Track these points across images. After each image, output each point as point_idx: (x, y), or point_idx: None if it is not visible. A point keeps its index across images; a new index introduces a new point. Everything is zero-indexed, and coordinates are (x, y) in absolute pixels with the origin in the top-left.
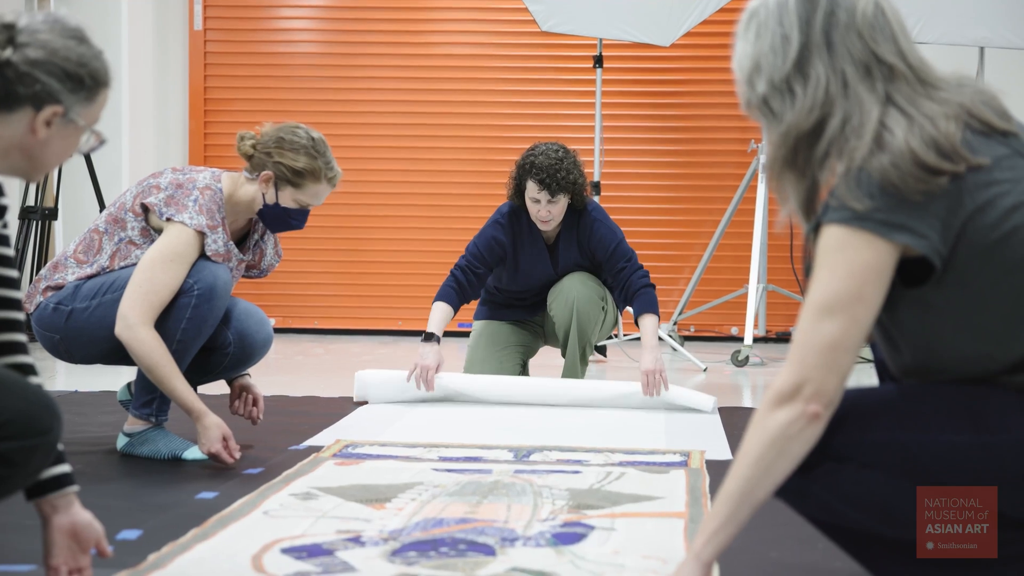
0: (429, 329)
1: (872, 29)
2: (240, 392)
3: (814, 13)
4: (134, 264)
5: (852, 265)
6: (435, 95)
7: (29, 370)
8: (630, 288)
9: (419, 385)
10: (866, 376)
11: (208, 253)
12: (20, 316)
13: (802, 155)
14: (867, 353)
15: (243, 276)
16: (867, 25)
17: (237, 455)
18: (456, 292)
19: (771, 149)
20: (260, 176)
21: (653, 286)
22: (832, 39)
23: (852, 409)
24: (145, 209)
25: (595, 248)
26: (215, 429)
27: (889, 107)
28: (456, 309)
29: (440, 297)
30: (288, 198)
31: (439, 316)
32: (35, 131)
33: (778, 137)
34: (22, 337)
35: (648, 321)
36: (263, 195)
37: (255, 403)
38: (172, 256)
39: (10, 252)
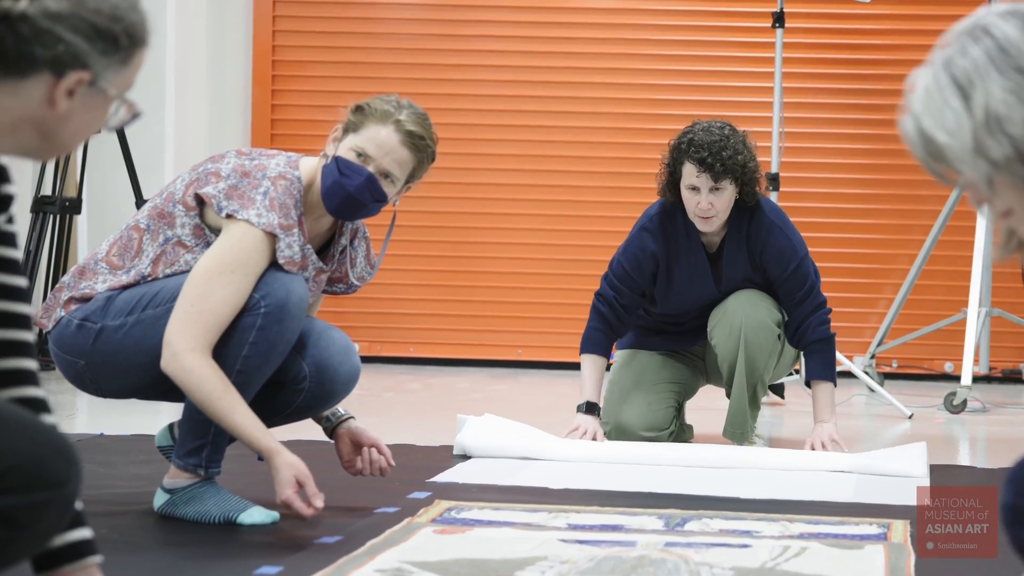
0: (585, 397)
1: None
2: (350, 441)
3: None
4: (184, 272)
5: None
6: (568, 60)
7: (40, 406)
8: (805, 335)
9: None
10: None
11: (280, 260)
12: (30, 337)
13: None
14: None
15: (326, 291)
16: None
17: (319, 503)
18: (604, 334)
19: None
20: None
21: (832, 336)
22: None
23: None
24: (200, 202)
25: (769, 262)
26: (287, 470)
27: None
28: (609, 355)
29: (586, 347)
30: (346, 147)
31: (592, 377)
32: (54, 102)
33: None
34: (32, 364)
35: (823, 391)
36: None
37: (376, 448)
38: (233, 265)
39: (16, 254)
